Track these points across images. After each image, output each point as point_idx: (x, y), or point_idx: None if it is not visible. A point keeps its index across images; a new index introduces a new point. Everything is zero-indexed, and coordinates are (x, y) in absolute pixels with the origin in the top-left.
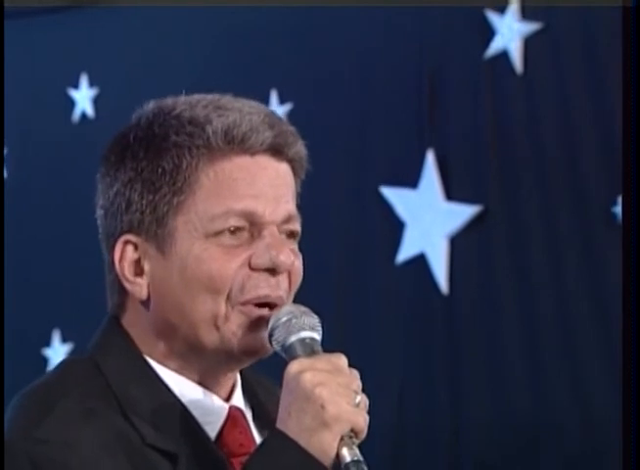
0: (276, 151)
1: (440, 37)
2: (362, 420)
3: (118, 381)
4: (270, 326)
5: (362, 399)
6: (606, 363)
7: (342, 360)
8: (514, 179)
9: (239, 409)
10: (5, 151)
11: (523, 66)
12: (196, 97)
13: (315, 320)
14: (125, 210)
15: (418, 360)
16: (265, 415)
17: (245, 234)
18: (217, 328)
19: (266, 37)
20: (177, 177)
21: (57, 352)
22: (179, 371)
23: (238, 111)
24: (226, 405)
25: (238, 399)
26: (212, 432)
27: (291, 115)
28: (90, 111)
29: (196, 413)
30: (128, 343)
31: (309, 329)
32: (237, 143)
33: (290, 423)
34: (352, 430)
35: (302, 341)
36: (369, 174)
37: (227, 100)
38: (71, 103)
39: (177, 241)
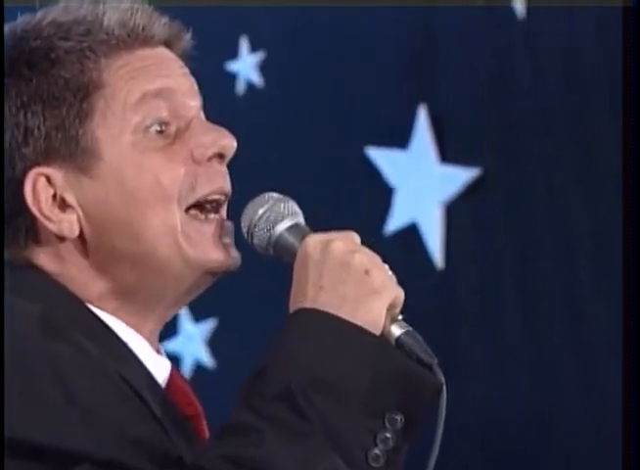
0: (171, 43)
1: None
2: (402, 292)
3: (64, 327)
4: (247, 226)
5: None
6: (614, 340)
7: (356, 236)
8: (515, 139)
9: (174, 366)
10: None
11: (525, 10)
12: (54, 7)
13: (292, 203)
14: (24, 141)
15: None
16: None
17: (172, 129)
18: (178, 244)
19: None
20: (82, 81)
21: None
22: (115, 313)
23: (119, 4)
24: (168, 362)
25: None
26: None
27: (263, 65)
28: None
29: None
30: (54, 284)
31: (293, 214)
32: (138, 33)
33: (323, 297)
34: (391, 304)
35: (293, 228)
36: (353, 134)
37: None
38: None
39: (103, 153)
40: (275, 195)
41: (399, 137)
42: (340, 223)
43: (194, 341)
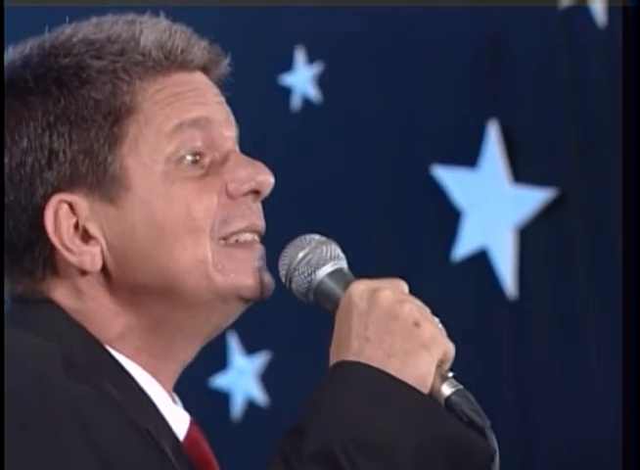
0: (209, 69)
1: None
2: (452, 347)
3: (82, 372)
4: (286, 269)
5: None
6: None
7: (404, 284)
8: (595, 157)
9: (193, 420)
10: None
11: (606, 16)
12: (85, 22)
13: (335, 246)
14: (47, 164)
15: (481, 376)
16: None
17: (206, 161)
18: (209, 275)
19: None
20: (114, 104)
21: None
22: (134, 356)
23: (157, 23)
24: (187, 414)
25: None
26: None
27: (321, 78)
28: None
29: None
30: (72, 322)
31: (336, 258)
32: (177, 56)
33: (368, 350)
34: (441, 360)
35: (335, 273)
36: (418, 152)
37: (133, 16)
38: None
39: (132, 182)
40: (317, 237)
41: (468, 155)
42: (404, 249)
43: (245, 375)
